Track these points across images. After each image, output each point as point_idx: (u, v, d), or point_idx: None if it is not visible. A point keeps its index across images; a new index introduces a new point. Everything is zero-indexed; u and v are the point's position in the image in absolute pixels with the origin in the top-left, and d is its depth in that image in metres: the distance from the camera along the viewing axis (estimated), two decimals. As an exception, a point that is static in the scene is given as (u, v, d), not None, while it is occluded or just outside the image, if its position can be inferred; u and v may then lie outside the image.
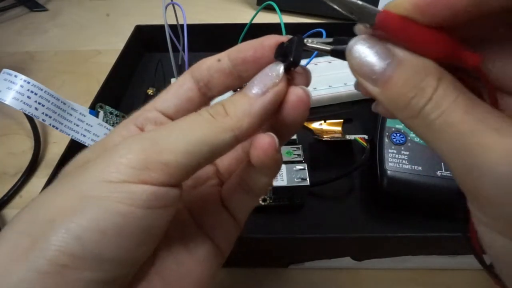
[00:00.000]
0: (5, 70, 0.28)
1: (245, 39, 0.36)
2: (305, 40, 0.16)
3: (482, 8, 0.12)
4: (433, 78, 0.13)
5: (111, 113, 0.38)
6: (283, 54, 0.16)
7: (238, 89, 0.17)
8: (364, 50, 0.14)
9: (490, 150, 0.11)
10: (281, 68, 0.16)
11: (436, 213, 0.30)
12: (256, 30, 0.37)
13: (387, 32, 0.13)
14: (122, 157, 0.14)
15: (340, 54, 0.15)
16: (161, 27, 0.36)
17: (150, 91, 0.44)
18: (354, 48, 0.14)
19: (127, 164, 0.14)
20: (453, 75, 0.13)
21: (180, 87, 0.18)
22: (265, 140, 0.16)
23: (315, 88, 0.41)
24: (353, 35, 0.15)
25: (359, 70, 0.14)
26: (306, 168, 0.30)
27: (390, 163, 0.29)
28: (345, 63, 0.15)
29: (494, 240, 0.13)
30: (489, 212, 0.12)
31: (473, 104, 0.12)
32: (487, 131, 0.12)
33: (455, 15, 0.13)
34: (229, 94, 0.18)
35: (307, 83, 0.17)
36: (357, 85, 0.16)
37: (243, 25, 0.37)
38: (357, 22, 0.14)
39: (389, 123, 0.32)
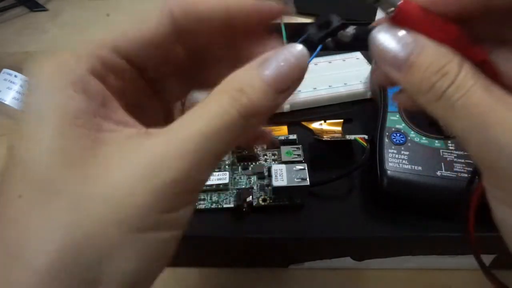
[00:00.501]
0: (5, 70, 0.28)
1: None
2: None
3: (488, 5, 0.14)
4: (455, 63, 0.14)
5: (111, 113, 0.38)
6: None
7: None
8: (387, 38, 0.15)
9: (508, 126, 0.13)
10: (307, 58, 0.15)
11: (436, 213, 0.30)
12: (256, 30, 0.37)
13: (407, 20, 0.14)
14: (160, 179, 0.13)
15: (359, 41, 0.16)
16: (161, 27, 0.36)
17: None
18: (378, 35, 0.15)
19: (170, 190, 0.13)
20: None
21: (156, 34, 0.15)
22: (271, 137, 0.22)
23: (315, 88, 0.41)
24: (352, 34, 0.15)
25: (383, 56, 0.15)
26: (306, 168, 0.30)
27: (390, 163, 0.29)
28: (344, 63, 0.15)
29: (508, 216, 0.14)
30: (505, 185, 0.13)
31: (491, 87, 0.13)
32: (505, 110, 0.13)
33: (465, 9, 0.14)
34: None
35: None
36: (374, 75, 0.17)
37: (243, 25, 0.37)
38: (380, 7, 0.15)
39: (389, 123, 0.32)
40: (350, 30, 0.16)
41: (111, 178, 0.13)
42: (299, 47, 0.15)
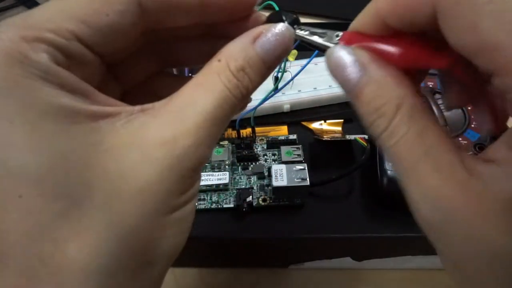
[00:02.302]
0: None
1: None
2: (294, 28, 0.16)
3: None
4: (392, 104, 0.13)
5: (111, 113, 0.38)
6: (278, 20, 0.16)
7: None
8: (341, 60, 0.14)
9: (421, 191, 0.12)
10: (290, 29, 0.15)
11: (436, 213, 0.30)
12: (256, 30, 0.37)
13: (356, 40, 0.14)
14: (182, 165, 0.13)
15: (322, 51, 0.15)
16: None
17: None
18: (333, 55, 0.14)
19: (189, 173, 0.14)
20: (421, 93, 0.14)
21: (122, 22, 0.14)
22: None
23: (315, 88, 0.41)
24: None
25: (336, 78, 0.15)
26: (306, 168, 0.30)
27: (390, 163, 0.29)
28: None
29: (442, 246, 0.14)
30: (426, 234, 0.13)
31: (422, 136, 0.13)
32: (424, 170, 0.12)
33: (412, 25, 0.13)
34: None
35: None
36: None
37: (243, 25, 0.37)
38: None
39: (389, 123, 0.32)
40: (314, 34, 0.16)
41: (134, 169, 0.13)
42: (287, 25, 0.15)
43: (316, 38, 0.15)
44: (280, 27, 0.15)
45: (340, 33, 0.15)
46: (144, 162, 0.13)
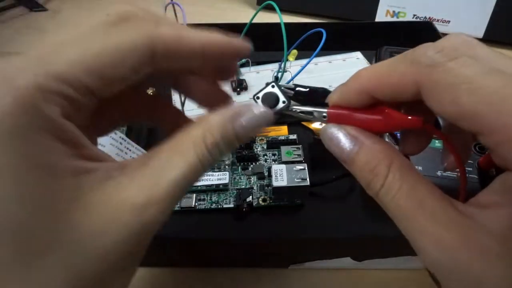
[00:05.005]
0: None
1: (245, 39, 0.36)
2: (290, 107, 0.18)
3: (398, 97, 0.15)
4: (384, 164, 0.15)
5: (111, 113, 0.38)
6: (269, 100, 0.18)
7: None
8: (334, 136, 0.16)
9: (424, 237, 0.14)
10: (271, 119, 0.17)
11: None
12: (256, 30, 0.37)
13: (340, 119, 0.17)
14: (144, 228, 0.14)
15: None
16: (161, 27, 0.36)
17: (150, 91, 0.44)
18: (327, 132, 0.17)
19: (149, 236, 0.14)
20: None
21: (133, 74, 0.15)
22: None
23: (315, 88, 0.41)
24: (353, 34, 0.16)
25: (333, 151, 0.17)
26: (306, 168, 0.30)
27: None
28: (344, 63, 0.16)
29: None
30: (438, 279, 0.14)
31: (415, 189, 0.14)
32: (423, 218, 0.14)
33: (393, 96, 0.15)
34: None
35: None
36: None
37: (243, 25, 0.37)
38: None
39: (389, 123, 0.32)
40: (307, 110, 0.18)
41: (103, 229, 0.13)
42: (268, 110, 0.17)
43: (304, 117, 0.18)
44: (262, 110, 0.16)
45: (325, 112, 0.17)
46: (114, 224, 0.13)
